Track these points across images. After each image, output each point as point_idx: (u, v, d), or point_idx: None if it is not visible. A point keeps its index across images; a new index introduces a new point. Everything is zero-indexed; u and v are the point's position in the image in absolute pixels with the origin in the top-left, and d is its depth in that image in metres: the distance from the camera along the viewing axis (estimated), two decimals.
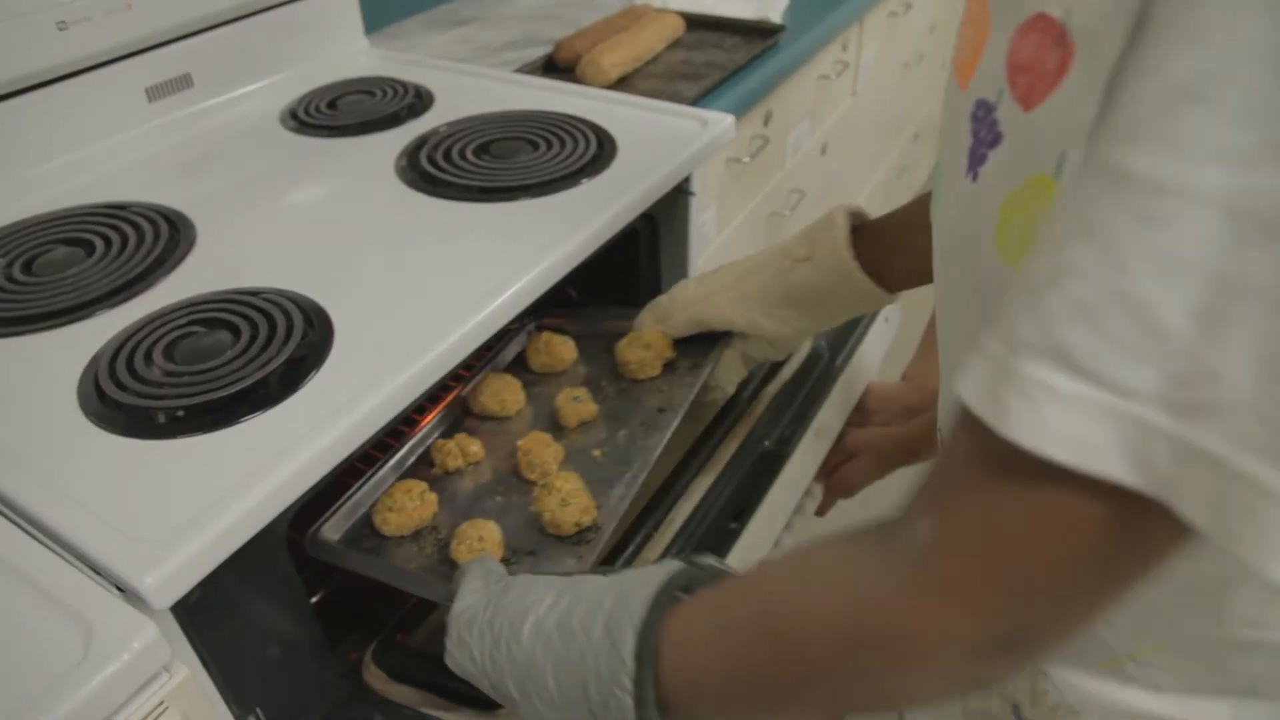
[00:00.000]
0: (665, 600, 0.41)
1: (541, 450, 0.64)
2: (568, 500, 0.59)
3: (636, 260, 0.88)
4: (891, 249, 0.64)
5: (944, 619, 0.30)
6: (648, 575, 0.42)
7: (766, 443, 0.76)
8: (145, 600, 0.44)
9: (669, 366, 0.72)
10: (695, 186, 0.88)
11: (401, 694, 0.60)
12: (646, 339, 0.71)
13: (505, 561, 0.59)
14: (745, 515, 0.70)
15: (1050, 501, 0.27)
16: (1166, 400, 0.24)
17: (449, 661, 0.49)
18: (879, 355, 0.89)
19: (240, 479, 0.49)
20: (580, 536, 0.59)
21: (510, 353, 0.78)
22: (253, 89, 0.99)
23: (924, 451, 0.81)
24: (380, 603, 0.66)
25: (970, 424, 0.28)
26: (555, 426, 0.69)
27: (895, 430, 0.84)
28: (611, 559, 0.65)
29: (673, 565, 0.43)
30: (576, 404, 0.69)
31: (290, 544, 0.55)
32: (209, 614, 0.50)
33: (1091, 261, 0.25)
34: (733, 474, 0.73)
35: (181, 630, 0.48)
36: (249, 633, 0.54)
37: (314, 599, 0.72)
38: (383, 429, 0.56)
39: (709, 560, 0.45)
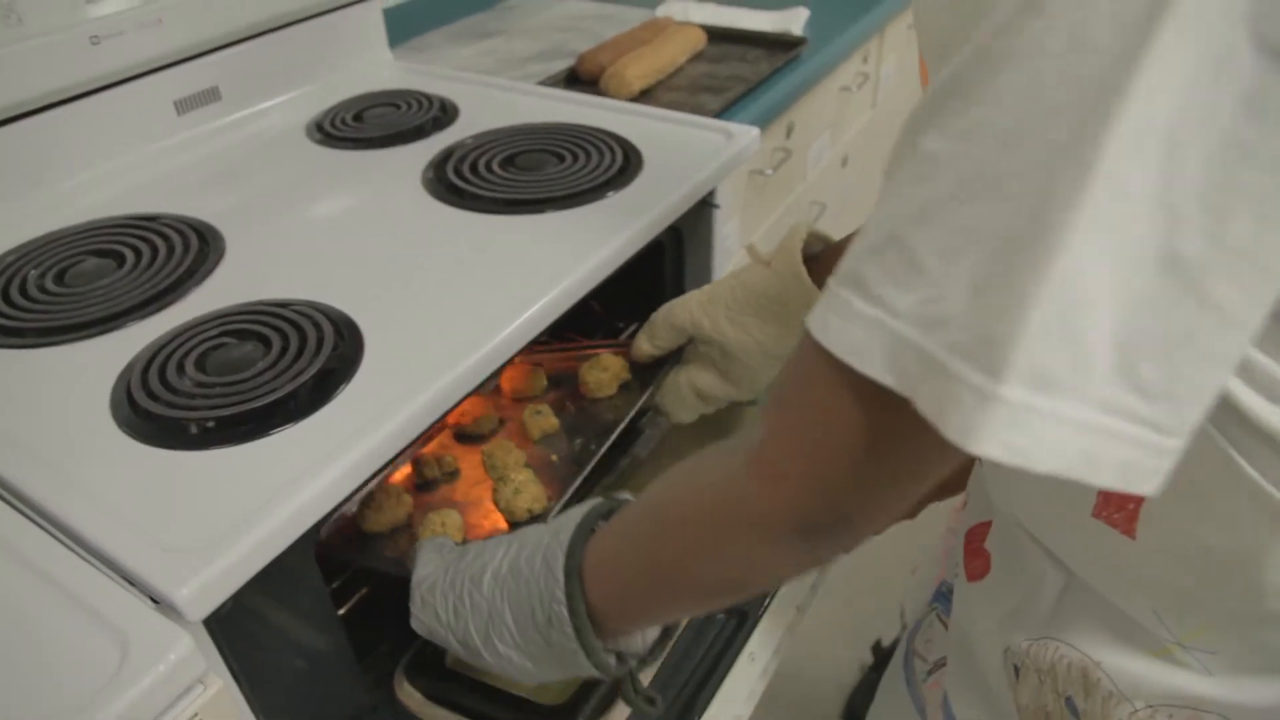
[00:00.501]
0: (588, 528, 0.49)
1: (504, 455, 0.71)
2: (520, 490, 0.66)
3: (661, 273, 0.88)
4: None
5: (775, 497, 0.37)
6: (574, 512, 0.51)
7: None
8: (180, 612, 0.44)
9: (624, 387, 0.77)
10: (719, 199, 0.88)
11: (439, 717, 0.59)
12: (604, 363, 0.77)
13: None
14: None
15: (844, 400, 0.34)
16: (917, 318, 0.30)
17: (414, 625, 0.54)
18: None
19: (273, 491, 0.49)
20: (533, 523, 0.64)
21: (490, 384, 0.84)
22: (279, 101, 0.99)
23: (953, 486, 0.81)
24: (407, 617, 0.65)
25: (808, 345, 0.34)
26: (523, 439, 0.75)
27: None
28: None
29: (594, 501, 0.51)
30: (539, 417, 0.75)
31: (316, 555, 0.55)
32: (239, 626, 0.49)
33: (884, 214, 0.32)
34: None
35: (213, 642, 0.48)
36: (278, 645, 0.54)
37: (341, 611, 0.72)
38: (414, 441, 0.56)
39: (624, 495, 0.53)
